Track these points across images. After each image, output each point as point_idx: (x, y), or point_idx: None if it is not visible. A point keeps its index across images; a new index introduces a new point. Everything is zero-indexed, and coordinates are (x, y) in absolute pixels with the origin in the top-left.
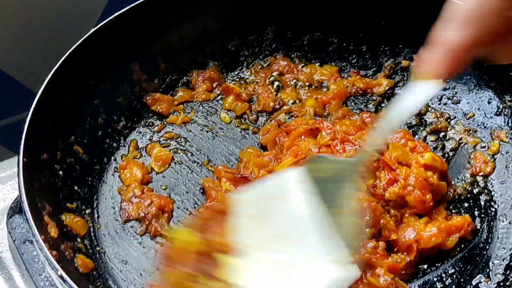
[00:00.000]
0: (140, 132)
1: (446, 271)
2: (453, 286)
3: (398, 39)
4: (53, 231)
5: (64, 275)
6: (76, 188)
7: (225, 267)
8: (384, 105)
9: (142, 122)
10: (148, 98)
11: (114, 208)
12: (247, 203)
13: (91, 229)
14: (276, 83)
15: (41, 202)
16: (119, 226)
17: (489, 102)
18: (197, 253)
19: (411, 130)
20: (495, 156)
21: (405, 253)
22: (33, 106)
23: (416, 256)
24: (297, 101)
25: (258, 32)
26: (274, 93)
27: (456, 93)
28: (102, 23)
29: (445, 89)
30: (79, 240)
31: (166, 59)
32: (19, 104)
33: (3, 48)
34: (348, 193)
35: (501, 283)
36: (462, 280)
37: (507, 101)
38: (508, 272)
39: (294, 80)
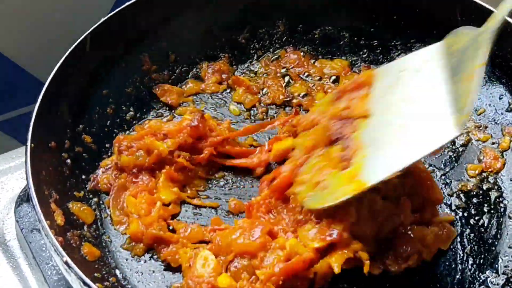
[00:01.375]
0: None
1: (456, 266)
2: (462, 281)
3: (410, 34)
4: (60, 219)
5: (69, 261)
6: (83, 177)
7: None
8: None
9: (151, 113)
10: (157, 89)
11: None
12: (384, 74)
13: (98, 218)
14: (287, 77)
15: (48, 190)
16: (123, 215)
17: (500, 98)
18: (334, 116)
19: None
20: (505, 152)
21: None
22: (42, 94)
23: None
24: (307, 95)
25: (268, 25)
26: (284, 86)
27: None
28: (112, 13)
29: None
30: (85, 228)
31: (176, 50)
32: (29, 95)
33: (13, 39)
34: (475, 62)
35: (510, 279)
36: (470, 275)
37: None
38: None
39: (305, 74)
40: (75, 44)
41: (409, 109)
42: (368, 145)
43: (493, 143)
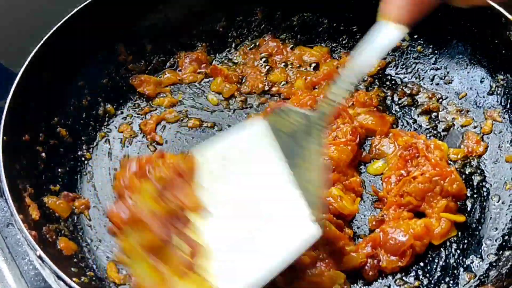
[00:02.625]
0: (126, 114)
1: (439, 252)
2: (445, 267)
3: None
4: (35, 213)
5: (43, 255)
6: (59, 170)
7: (194, 225)
8: (375, 85)
9: (128, 104)
10: (134, 79)
11: (96, 189)
12: (208, 160)
13: (75, 211)
14: (266, 65)
15: (22, 184)
16: (102, 209)
17: (481, 81)
18: (164, 214)
19: (403, 111)
20: (488, 136)
21: (397, 257)
22: (14, 85)
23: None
24: (287, 83)
25: (246, 13)
26: (263, 74)
27: (448, 72)
28: (86, 2)
29: (437, 69)
30: (62, 222)
31: (152, 40)
32: (1, 87)
33: None
34: (311, 148)
35: (494, 263)
36: (454, 261)
37: (500, 80)
38: (500, 252)
39: (284, 62)
40: (48, 34)
41: (254, 203)
42: (215, 245)
43: (475, 127)
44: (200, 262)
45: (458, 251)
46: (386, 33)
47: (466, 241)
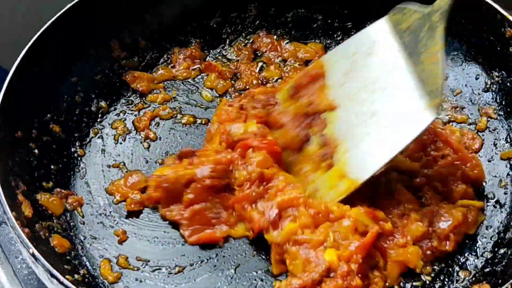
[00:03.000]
0: (119, 111)
1: None
2: (441, 264)
3: (384, 14)
4: (28, 211)
5: (36, 252)
6: (52, 167)
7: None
8: None
9: (122, 101)
10: (127, 76)
11: (89, 186)
12: (336, 61)
13: (68, 208)
14: (260, 61)
15: (15, 181)
16: (96, 206)
17: (476, 78)
18: (299, 114)
19: None
20: (483, 133)
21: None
22: (6, 82)
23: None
24: (281, 79)
25: (240, 9)
26: (258, 71)
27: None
28: None
29: None
30: (55, 220)
31: (146, 36)
32: None
33: None
34: (431, 43)
35: (489, 261)
36: (449, 258)
37: (495, 77)
38: (496, 249)
39: (278, 58)
40: (41, 31)
41: (375, 95)
42: (345, 138)
43: (470, 124)
44: (335, 155)
45: (454, 249)
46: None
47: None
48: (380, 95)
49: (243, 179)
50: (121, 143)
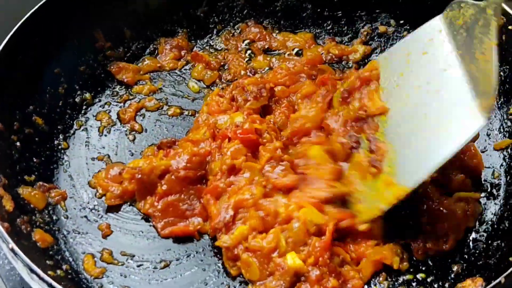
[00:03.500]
0: (104, 102)
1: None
2: (434, 258)
3: (375, 4)
4: (9, 205)
5: (15, 247)
6: (35, 160)
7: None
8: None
9: (106, 92)
10: (112, 66)
11: (73, 180)
12: (391, 62)
13: (51, 202)
14: (248, 51)
15: None
16: (80, 200)
17: None
18: (350, 119)
19: None
20: None
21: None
22: None
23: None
24: (270, 69)
25: None
26: (246, 61)
27: None
28: None
29: None
30: (37, 214)
31: (131, 26)
32: None
33: None
34: (486, 40)
35: (483, 253)
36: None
37: None
38: (489, 241)
39: (267, 48)
40: (22, 20)
41: (428, 96)
42: (395, 143)
43: None
44: (384, 161)
45: None
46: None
47: None
48: (433, 96)
49: (217, 170)
50: (105, 135)
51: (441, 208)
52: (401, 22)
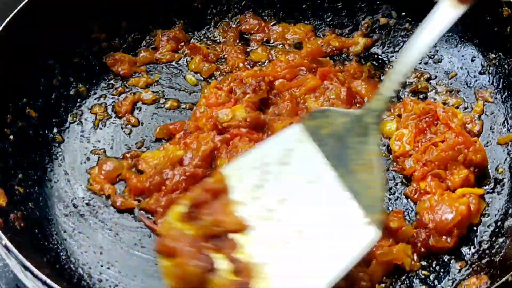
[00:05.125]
0: (99, 95)
1: None
2: (436, 255)
3: None
4: (1, 200)
5: (8, 243)
6: (28, 154)
7: (238, 244)
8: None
9: (101, 84)
10: (108, 58)
11: (68, 174)
12: (242, 173)
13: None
14: (247, 43)
15: None
16: (71, 196)
17: (472, 60)
18: (201, 237)
19: None
20: (479, 117)
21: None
22: None
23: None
24: (269, 61)
25: None
26: (244, 53)
27: (437, 51)
28: None
29: None
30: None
31: (128, 16)
32: None
33: None
34: (365, 149)
35: (487, 250)
36: None
37: (491, 59)
38: (493, 238)
39: (265, 40)
40: (15, 11)
41: (299, 211)
42: (266, 262)
43: (465, 108)
44: (255, 283)
45: None
46: (443, 14)
47: None
48: (304, 210)
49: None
50: (101, 129)
51: (445, 204)
52: (403, 14)
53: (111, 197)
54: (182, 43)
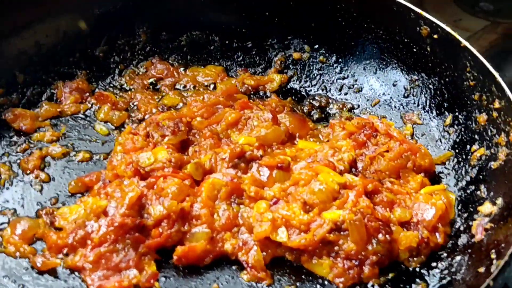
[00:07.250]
0: (2, 153)
1: None
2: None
3: (286, 30)
4: None
5: None
6: None
7: None
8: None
9: (3, 142)
10: (7, 114)
11: None
12: None
13: None
14: (155, 88)
15: None
16: None
17: (394, 85)
18: None
19: (316, 123)
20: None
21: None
22: None
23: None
24: (184, 105)
25: (128, 34)
26: (157, 98)
27: (356, 80)
28: None
29: (343, 78)
30: None
31: (24, 69)
32: None
33: None
34: None
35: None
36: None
37: (414, 80)
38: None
39: (176, 84)
40: None
41: None
42: None
43: None
44: None
45: None
46: None
47: None
48: None
49: (160, 216)
50: (7, 188)
51: (422, 202)
52: (316, 46)
53: (30, 258)
54: (87, 94)
